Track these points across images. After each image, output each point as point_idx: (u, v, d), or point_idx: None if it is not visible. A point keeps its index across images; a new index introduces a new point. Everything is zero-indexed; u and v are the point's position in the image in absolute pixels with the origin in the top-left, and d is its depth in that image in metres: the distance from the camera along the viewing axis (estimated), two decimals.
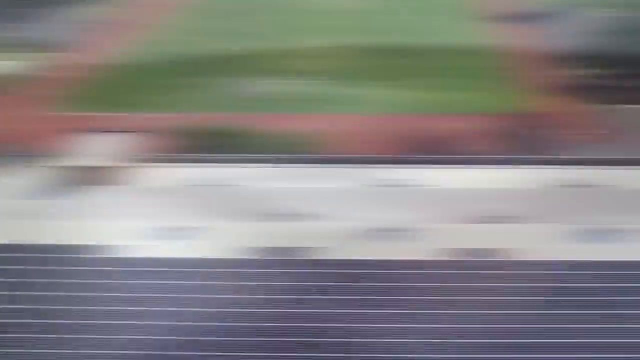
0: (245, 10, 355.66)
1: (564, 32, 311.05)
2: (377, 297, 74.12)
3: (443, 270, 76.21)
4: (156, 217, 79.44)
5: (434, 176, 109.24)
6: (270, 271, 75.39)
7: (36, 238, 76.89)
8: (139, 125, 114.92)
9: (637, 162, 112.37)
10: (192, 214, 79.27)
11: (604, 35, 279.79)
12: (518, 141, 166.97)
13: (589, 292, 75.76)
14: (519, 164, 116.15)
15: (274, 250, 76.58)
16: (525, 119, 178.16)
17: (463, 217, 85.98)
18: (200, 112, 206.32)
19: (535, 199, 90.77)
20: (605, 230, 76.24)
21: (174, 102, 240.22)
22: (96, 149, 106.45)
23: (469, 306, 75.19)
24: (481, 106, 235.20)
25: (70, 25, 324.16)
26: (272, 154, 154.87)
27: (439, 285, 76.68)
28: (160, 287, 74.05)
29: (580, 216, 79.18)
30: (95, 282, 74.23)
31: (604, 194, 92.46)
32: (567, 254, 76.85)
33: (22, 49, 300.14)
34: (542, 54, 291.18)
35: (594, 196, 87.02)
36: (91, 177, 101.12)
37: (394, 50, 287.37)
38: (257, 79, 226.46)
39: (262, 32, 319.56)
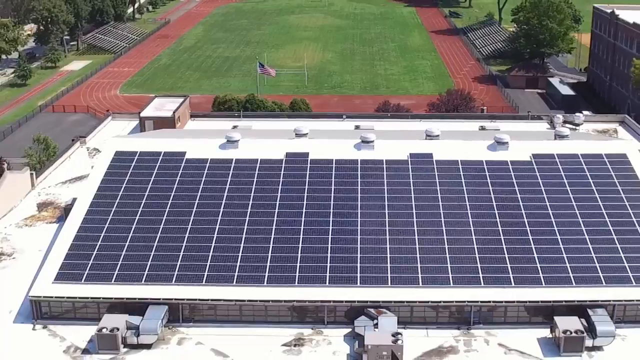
0: (247, 25, 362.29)
1: (484, 38, 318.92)
2: (350, 184, 79.11)
3: (400, 166, 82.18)
4: (212, 138, 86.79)
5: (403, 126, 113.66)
6: (290, 166, 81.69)
7: (155, 147, 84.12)
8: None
9: (522, 117, 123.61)
10: (233, 135, 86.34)
11: (511, 41, 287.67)
12: (452, 107, 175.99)
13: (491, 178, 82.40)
14: (452, 118, 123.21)
15: (291, 155, 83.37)
16: (456, 95, 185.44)
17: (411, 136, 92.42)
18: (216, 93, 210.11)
19: (468, 135, 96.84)
20: (501, 144, 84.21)
21: (197, 87, 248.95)
22: (158, 110, 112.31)
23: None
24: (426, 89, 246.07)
25: (128, 36, 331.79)
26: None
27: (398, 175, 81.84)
28: (222, 176, 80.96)
29: (488, 138, 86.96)
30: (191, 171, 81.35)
31: (501, 129, 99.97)
32: (481, 156, 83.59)
33: (96, 52, 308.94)
34: (467, 54, 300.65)
35: (494, 131, 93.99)
36: (163, 123, 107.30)
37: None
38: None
39: (260, 40, 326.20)
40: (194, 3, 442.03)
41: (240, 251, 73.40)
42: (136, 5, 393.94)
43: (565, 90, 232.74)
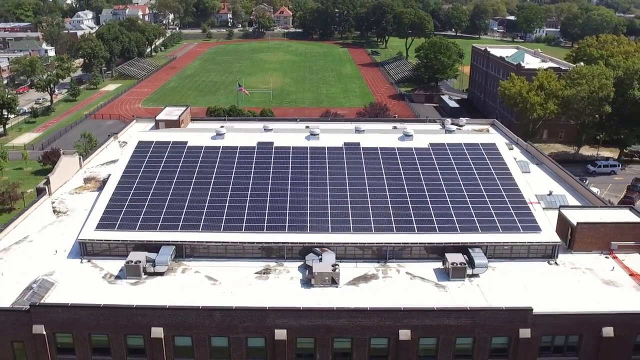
0: (230, 60, 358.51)
1: (396, 68, 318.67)
2: (302, 163, 78.62)
3: (337, 151, 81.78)
4: (206, 132, 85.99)
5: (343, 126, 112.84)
6: (260, 151, 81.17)
7: (166, 138, 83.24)
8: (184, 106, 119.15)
9: (422, 121, 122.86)
10: (221, 130, 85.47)
11: (414, 70, 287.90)
12: (373, 114, 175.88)
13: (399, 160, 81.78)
14: (373, 121, 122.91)
15: (261, 143, 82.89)
16: (376, 107, 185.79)
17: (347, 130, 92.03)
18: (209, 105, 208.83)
19: (384, 131, 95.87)
20: (408, 136, 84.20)
21: (196, 102, 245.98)
22: (168, 115, 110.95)
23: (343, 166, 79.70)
24: (355, 102, 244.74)
25: (147, 67, 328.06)
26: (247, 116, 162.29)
27: (335, 157, 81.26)
28: (213, 158, 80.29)
29: (399, 133, 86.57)
30: (191, 156, 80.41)
31: (408, 128, 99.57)
32: (394, 144, 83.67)
33: (125, 78, 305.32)
34: (384, 79, 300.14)
35: (403, 129, 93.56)
36: (172, 124, 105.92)
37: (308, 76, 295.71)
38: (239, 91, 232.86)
39: (239, 70, 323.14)
40: (193, 45, 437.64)
41: (226, 208, 73.04)
42: (153, 46, 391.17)
43: (453, 104, 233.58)
